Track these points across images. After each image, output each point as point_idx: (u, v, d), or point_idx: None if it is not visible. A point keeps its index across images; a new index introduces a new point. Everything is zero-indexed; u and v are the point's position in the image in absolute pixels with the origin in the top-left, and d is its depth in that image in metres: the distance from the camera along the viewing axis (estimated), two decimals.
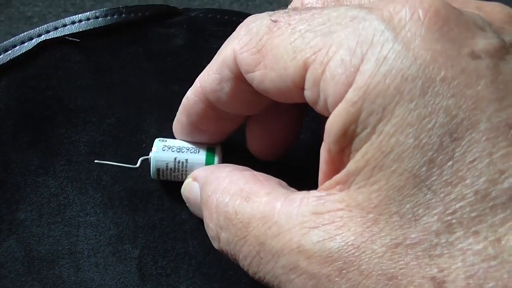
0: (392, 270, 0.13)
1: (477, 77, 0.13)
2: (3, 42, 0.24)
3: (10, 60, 0.24)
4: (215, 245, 0.18)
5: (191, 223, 0.22)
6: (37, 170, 0.23)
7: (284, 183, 0.18)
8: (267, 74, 0.16)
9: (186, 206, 0.22)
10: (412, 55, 0.13)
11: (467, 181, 0.13)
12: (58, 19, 0.24)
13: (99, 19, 0.25)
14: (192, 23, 0.25)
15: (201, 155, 0.22)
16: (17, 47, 0.24)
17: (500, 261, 0.12)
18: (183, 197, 0.21)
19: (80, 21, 0.25)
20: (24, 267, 0.21)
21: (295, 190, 0.17)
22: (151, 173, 0.22)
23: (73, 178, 0.23)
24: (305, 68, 0.15)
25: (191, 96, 0.20)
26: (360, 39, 0.14)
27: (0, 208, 0.22)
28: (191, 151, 0.22)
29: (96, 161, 0.22)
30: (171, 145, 0.22)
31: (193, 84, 0.20)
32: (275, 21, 0.16)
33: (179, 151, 0.21)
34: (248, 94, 0.18)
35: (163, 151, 0.21)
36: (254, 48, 0.16)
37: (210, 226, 0.18)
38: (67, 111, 0.24)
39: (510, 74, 0.13)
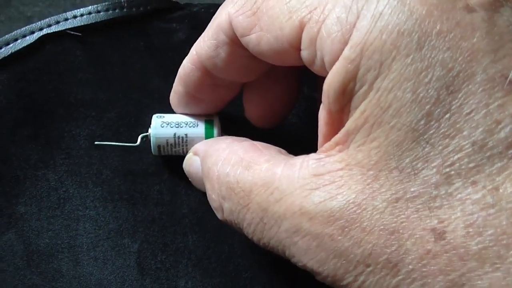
0: (393, 225, 0.13)
1: (472, 29, 0.13)
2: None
3: (11, 53, 0.24)
4: (219, 215, 0.18)
5: (191, 217, 0.22)
6: (37, 164, 0.23)
7: (283, 150, 0.18)
8: (263, 36, 0.16)
9: (186, 201, 0.22)
10: (408, 9, 0.13)
11: (465, 133, 0.13)
12: None
13: (101, 13, 0.25)
14: (193, 18, 0.25)
15: (200, 129, 0.21)
16: (19, 41, 0.24)
17: (498, 209, 0.12)
18: (185, 172, 0.21)
19: (81, 15, 0.25)
20: (23, 261, 0.21)
21: (295, 156, 0.17)
22: (152, 150, 0.22)
23: (73, 171, 0.23)
24: (301, 27, 0.15)
25: (187, 65, 0.20)
26: None
27: (0, 201, 0.22)
28: (190, 125, 0.21)
29: (96, 142, 0.22)
30: (169, 121, 0.21)
31: (189, 52, 0.20)
32: None
33: (177, 126, 0.21)
34: (244, 59, 0.18)
35: (161, 128, 0.21)
36: (249, 10, 0.16)
37: (213, 198, 0.18)
38: (68, 105, 0.24)
39: (504, 26, 0.13)
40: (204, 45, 0.19)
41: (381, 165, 0.14)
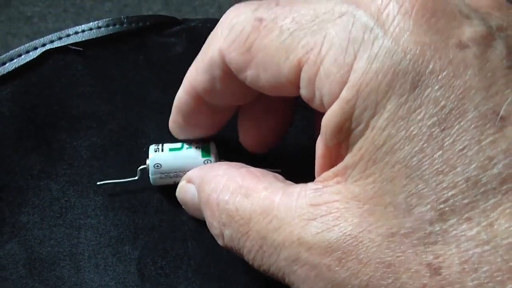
0: (389, 258, 0.13)
1: (464, 67, 0.13)
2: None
3: (15, 68, 0.25)
4: (220, 242, 0.18)
5: (190, 224, 0.23)
6: (40, 174, 0.23)
7: (280, 177, 0.18)
8: (260, 74, 0.16)
9: None
10: (401, 50, 0.14)
11: (458, 169, 0.13)
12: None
13: (101, 29, 0.26)
14: (191, 32, 0.26)
15: None
16: (22, 56, 0.25)
17: (493, 246, 0.12)
18: (178, 200, 0.22)
19: (83, 31, 0.26)
20: (25, 269, 0.22)
21: (292, 183, 0.17)
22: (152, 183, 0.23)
23: (75, 181, 0.23)
24: (299, 67, 0.15)
25: (183, 96, 0.20)
26: (351, 36, 0.14)
27: (3, 211, 0.23)
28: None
29: (98, 183, 0.23)
30: (168, 171, 0.22)
31: (183, 83, 0.20)
32: (260, 20, 0.16)
33: (176, 176, 0.22)
34: (240, 88, 0.19)
35: (161, 179, 0.22)
36: (242, 47, 0.17)
37: (214, 225, 0.18)
38: (70, 117, 0.24)
39: (497, 60, 0.13)
40: (198, 77, 0.19)
41: (377, 200, 0.14)
